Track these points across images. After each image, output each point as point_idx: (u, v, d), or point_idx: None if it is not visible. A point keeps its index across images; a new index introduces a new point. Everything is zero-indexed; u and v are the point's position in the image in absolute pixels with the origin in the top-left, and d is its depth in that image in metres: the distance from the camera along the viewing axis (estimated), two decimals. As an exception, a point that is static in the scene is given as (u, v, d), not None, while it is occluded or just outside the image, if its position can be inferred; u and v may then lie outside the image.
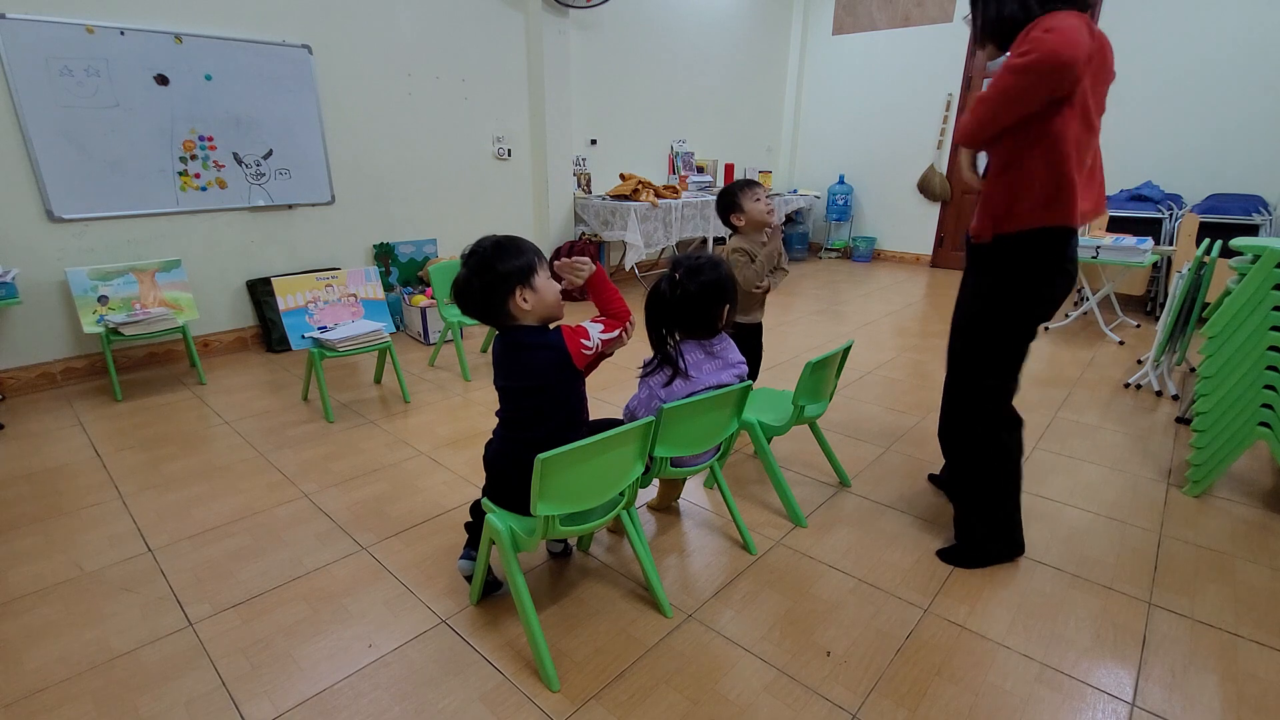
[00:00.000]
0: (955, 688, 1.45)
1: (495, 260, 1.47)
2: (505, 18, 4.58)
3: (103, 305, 3.15)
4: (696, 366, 1.76)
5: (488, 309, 1.51)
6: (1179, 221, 4.65)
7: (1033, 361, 3.73)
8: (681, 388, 1.73)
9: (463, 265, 1.50)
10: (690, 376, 1.74)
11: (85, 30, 2.99)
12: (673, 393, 1.73)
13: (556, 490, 1.37)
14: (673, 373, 1.74)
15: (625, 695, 1.43)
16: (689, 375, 1.74)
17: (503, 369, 1.54)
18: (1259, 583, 1.82)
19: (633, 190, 5.01)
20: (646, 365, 1.79)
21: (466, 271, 1.48)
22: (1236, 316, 2.08)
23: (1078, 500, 2.25)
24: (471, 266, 1.48)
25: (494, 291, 1.47)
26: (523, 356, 1.52)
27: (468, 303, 1.51)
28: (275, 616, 1.66)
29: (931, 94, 6.32)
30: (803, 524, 2.07)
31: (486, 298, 1.48)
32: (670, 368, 1.74)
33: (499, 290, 1.47)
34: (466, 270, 1.49)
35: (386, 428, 2.78)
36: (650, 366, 1.78)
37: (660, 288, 1.77)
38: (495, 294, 1.47)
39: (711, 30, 6.13)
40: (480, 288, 1.47)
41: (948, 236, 6.59)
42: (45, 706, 1.38)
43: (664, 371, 1.75)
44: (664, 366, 1.75)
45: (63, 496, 2.22)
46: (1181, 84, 5.04)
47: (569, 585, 1.79)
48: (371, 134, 4.08)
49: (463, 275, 1.49)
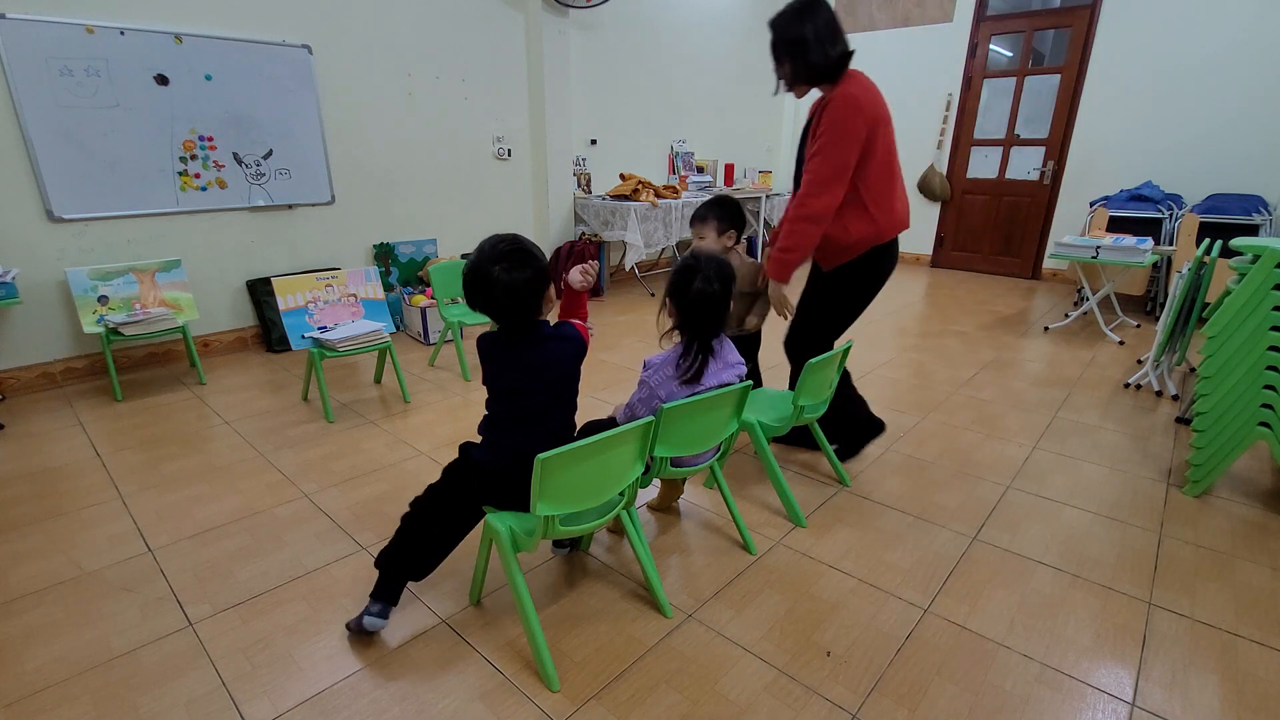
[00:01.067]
0: (955, 688, 1.45)
1: (537, 255, 1.48)
2: (505, 18, 4.58)
3: (103, 305, 3.15)
4: (728, 365, 1.78)
5: (526, 305, 1.48)
6: (1179, 221, 4.65)
7: (1033, 361, 3.73)
8: (684, 388, 1.73)
9: (492, 262, 1.44)
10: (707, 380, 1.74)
11: (85, 30, 2.99)
12: (674, 394, 1.72)
13: (556, 490, 1.37)
14: (699, 369, 1.72)
15: (625, 695, 1.43)
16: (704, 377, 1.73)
17: (514, 367, 1.52)
18: (1259, 583, 1.82)
19: (633, 190, 5.01)
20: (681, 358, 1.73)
21: (509, 266, 1.44)
22: (1236, 316, 2.08)
23: (1078, 500, 2.25)
24: (516, 260, 1.44)
25: (538, 287, 1.47)
26: (543, 351, 1.53)
27: (512, 299, 1.46)
28: (275, 616, 1.66)
29: (931, 94, 6.32)
30: (802, 524, 2.07)
31: (533, 292, 1.47)
32: (699, 362, 1.72)
33: (541, 285, 1.48)
34: (509, 265, 1.44)
35: (386, 428, 2.78)
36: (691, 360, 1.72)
37: (712, 288, 1.70)
38: (538, 289, 1.48)
39: (711, 30, 6.13)
40: (525, 283, 1.45)
41: (948, 237, 6.59)
42: (45, 706, 1.38)
43: (686, 365, 1.71)
44: (699, 357, 1.72)
45: (63, 496, 2.22)
46: (1182, 84, 5.04)
47: (569, 585, 1.79)
48: (371, 134, 4.08)
49: (503, 271, 1.43)
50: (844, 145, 1.98)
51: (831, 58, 2.00)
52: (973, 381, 3.40)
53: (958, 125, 6.24)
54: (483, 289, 1.46)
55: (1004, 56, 6.17)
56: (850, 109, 1.96)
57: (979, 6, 5.92)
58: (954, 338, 4.20)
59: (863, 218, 2.09)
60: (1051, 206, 5.86)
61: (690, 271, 1.71)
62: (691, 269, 1.71)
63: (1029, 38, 5.76)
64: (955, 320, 4.63)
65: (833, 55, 2.00)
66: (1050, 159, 5.78)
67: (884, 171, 2.08)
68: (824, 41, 1.98)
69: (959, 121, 6.23)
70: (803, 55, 2.01)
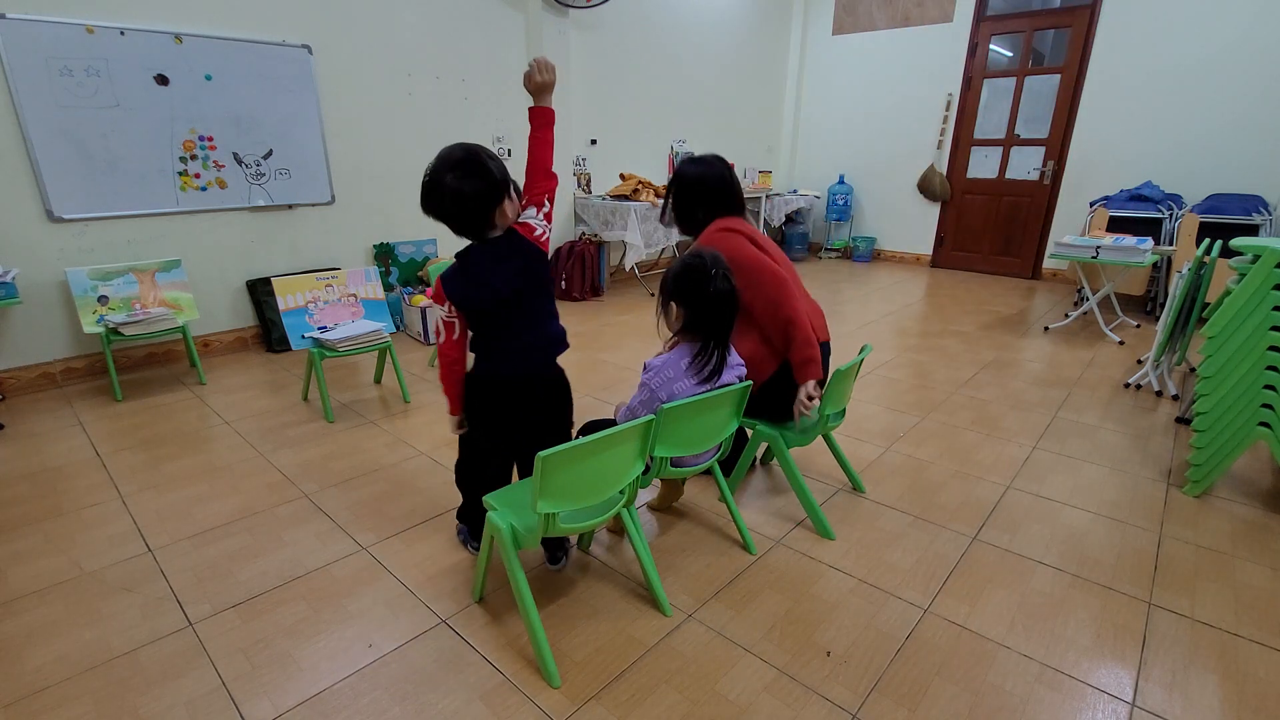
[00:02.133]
0: (955, 688, 1.45)
1: (492, 168, 1.45)
2: (505, 18, 4.58)
3: (103, 305, 3.15)
4: (729, 366, 1.78)
5: (474, 215, 1.47)
6: (1179, 221, 4.65)
7: (1033, 361, 3.73)
8: (686, 389, 1.71)
9: (446, 169, 1.43)
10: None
11: (85, 30, 2.99)
12: (675, 395, 1.70)
13: (557, 487, 1.38)
14: (718, 364, 1.71)
15: (625, 695, 1.43)
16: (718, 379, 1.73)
17: (480, 286, 1.53)
18: (1259, 583, 1.82)
19: (633, 190, 5.01)
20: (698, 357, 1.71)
21: (461, 175, 1.42)
22: (1236, 316, 2.08)
23: (1078, 500, 2.25)
24: (467, 170, 1.42)
25: (488, 198, 1.46)
26: (504, 268, 1.52)
27: (460, 207, 1.46)
28: (275, 616, 1.66)
29: (931, 94, 6.32)
30: (830, 536, 2.01)
31: (482, 203, 1.45)
32: (716, 358, 1.71)
33: (493, 197, 1.46)
34: (461, 173, 1.43)
35: (386, 428, 2.78)
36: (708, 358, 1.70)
37: (728, 286, 1.67)
38: (489, 200, 1.46)
39: (711, 30, 6.14)
40: (476, 193, 1.43)
41: (948, 237, 6.59)
42: (45, 706, 1.38)
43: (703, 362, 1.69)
44: (712, 358, 1.70)
45: (63, 496, 2.22)
46: (1182, 84, 5.04)
47: (569, 585, 1.79)
48: (371, 134, 4.08)
49: (453, 180, 1.42)
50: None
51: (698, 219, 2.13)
52: (973, 381, 3.40)
53: (958, 125, 6.24)
54: (434, 196, 1.47)
55: (1004, 56, 6.17)
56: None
57: (979, 6, 5.92)
58: (954, 338, 4.19)
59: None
60: (1051, 206, 5.86)
61: (700, 272, 1.66)
62: (699, 269, 1.66)
63: (1029, 38, 5.76)
64: (955, 320, 4.63)
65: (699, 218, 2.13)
66: (1050, 159, 5.78)
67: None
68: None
69: (959, 121, 6.23)
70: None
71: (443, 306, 1.61)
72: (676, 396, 1.69)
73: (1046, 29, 5.73)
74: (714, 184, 2.10)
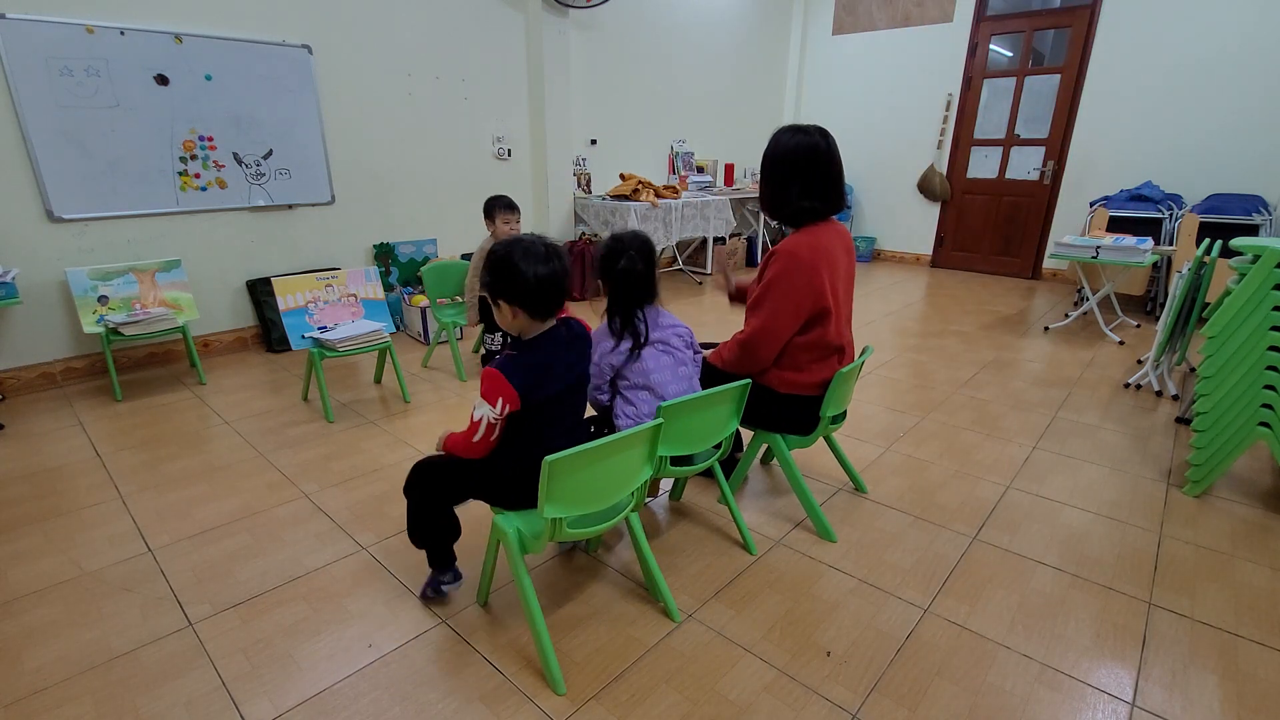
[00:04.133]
0: (955, 688, 1.45)
1: (562, 253, 1.50)
2: (505, 18, 4.58)
3: (103, 305, 3.15)
4: (658, 327, 1.83)
5: (559, 298, 1.49)
6: (1179, 221, 4.65)
7: (1033, 361, 3.73)
8: (618, 359, 1.78)
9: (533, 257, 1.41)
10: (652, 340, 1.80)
11: (85, 30, 2.99)
12: (612, 365, 1.78)
13: (564, 492, 1.37)
14: (635, 339, 1.78)
15: (625, 695, 1.43)
16: (649, 340, 1.79)
17: (554, 373, 1.47)
18: (1259, 583, 1.82)
19: (633, 190, 5.01)
20: (613, 328, 1.80)
21: (545, 258, 1.42)
22: (1236, 316, 2.08)
23: (1078, 500, 2.25)
24: (550, 254, 1.43)
25: (566, 280, 1.50)
26: (569, 354, 1.53)
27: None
28: (275, 616, 1.66)
29: (931, 94, 6.32)
30: (831, 539, 2.00)
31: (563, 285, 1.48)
32: (634, 338, 1.78)
33: (568, 277, 1.50)
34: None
35: (386, 428, 2.78)
36: (629, 345, 1.78)
37: (637, 267, 1.77)
38: (566, 282, 1.50)
39: (711, 30, 6.13)
40: (559, 274, 1.45)
41: (948, 236, 6.59)
42: (45, 706, 1.38)
43: (625, 345, 1.78)
44: (626, 338, 1.78)
45: (63, 496, 2.22)
46: (1182, 83, 5.04)
47: (569, 585, 1.79)
48: (371, 134, 4.08)
49: (541, 264, 1.40)
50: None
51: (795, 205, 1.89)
52: (973, 381, 3.40)
53: (958, 125, 6.24)
54: (518, 277, 1.40)
55: (1004, 56, 6.17)
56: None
57: (979, 6, 5.92)
58: (954, 338, 4.19)
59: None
60: (1051, 206, 5.86)
61: (615, 252, 1.78)
62: (615, 250, 1.79)
63: (1029, 38, 5.76)
64: (955, 320, 4.63)
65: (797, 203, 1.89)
66: (1050, 159, 5.78)
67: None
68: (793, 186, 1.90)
69: (959, 121, 6.23)
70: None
71: (494, 405, 1.40)
72: (615, 368, 1.79)
73: (1046, 29, 5.73)
74: (804, 155, 1.85)
